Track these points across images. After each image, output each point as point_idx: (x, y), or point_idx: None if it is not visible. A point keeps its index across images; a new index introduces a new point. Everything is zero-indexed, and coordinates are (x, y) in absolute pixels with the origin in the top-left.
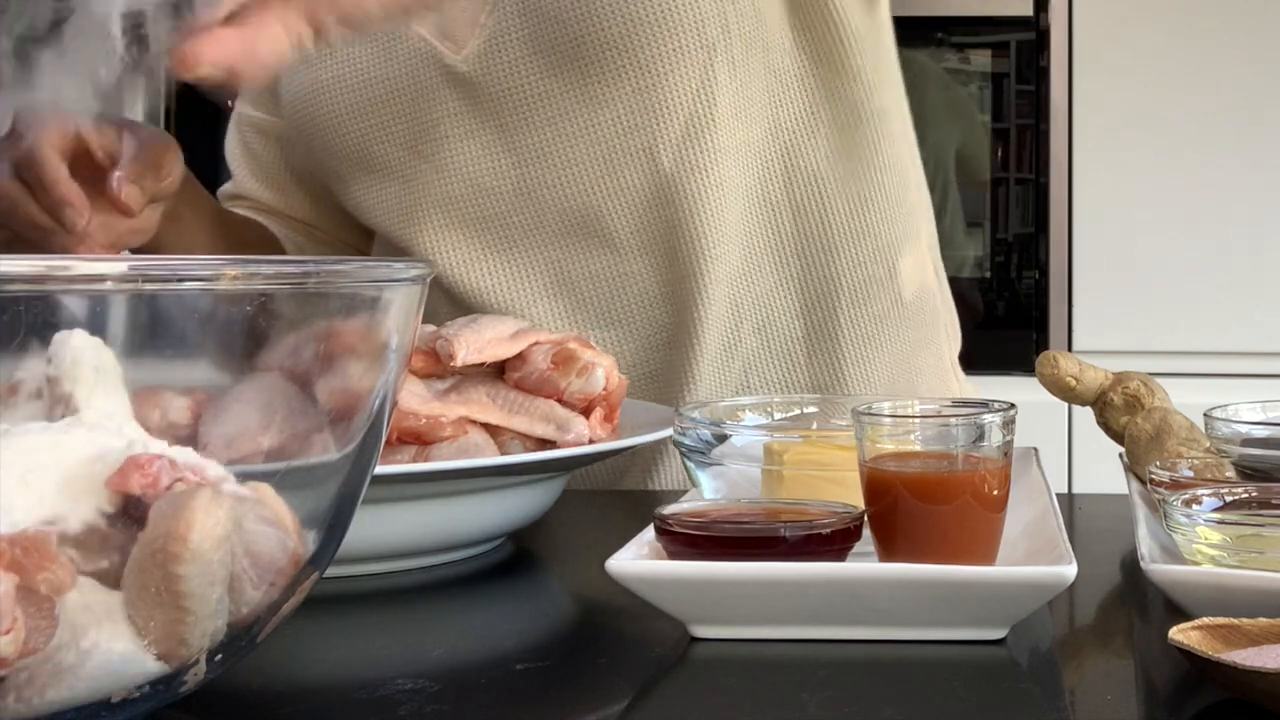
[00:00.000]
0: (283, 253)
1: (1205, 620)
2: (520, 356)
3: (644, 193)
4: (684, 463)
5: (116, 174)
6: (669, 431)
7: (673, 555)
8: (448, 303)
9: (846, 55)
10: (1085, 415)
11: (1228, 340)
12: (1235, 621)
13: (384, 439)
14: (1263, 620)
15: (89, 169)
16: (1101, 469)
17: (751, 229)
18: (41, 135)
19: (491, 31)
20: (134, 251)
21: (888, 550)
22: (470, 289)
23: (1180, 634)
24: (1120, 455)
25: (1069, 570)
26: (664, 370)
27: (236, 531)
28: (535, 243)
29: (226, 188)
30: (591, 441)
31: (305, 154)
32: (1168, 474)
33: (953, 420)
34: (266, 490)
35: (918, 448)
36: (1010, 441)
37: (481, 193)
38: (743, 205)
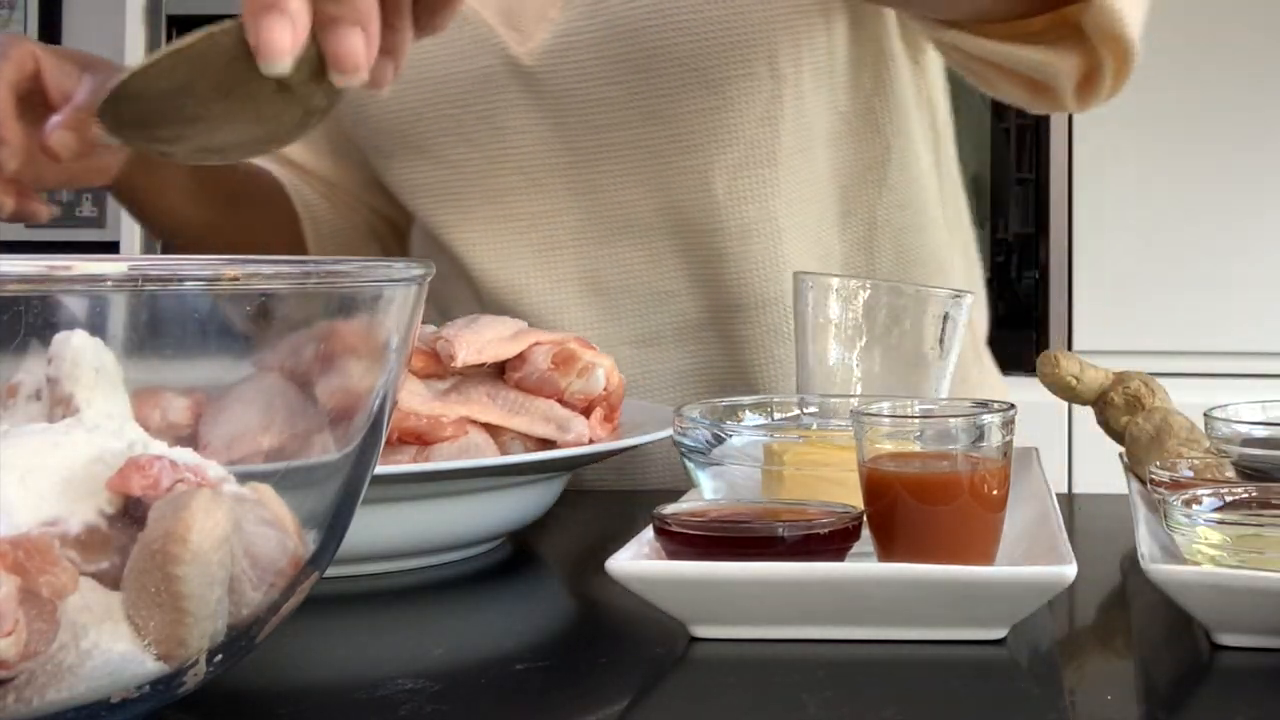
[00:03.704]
0: (281, 204)
1: None
2: (520, 357)
3: (693, 214)
4: (684, 463)
5: (53, 119)
6: (669, 431)
7: (672, 555)
8: (474, 299)
9: (898, 103)
10: (1085, 415)
11: (1228, 340)
12: None
13: (384, 439)
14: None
15: (46, 107)
16: (1101, 469)
17: (801, 266)
18: (1, 70)
19: (561, 28)
20: (94, 192)
21: (887, 550)
22: (503, 285)
23: None
24: (1120, 455)
25: (1069, 570)
26: (692, 400)
27: (236, 532)
28: (577, 247)
29: None
30: (591, 441)
31: (348, 121)
32: (1168, 474)
33: (952, 420)
34: (266, 491)
35: (917, 448)
36: (1010, 441)
37: (532, 188)
38: (795, 242)
